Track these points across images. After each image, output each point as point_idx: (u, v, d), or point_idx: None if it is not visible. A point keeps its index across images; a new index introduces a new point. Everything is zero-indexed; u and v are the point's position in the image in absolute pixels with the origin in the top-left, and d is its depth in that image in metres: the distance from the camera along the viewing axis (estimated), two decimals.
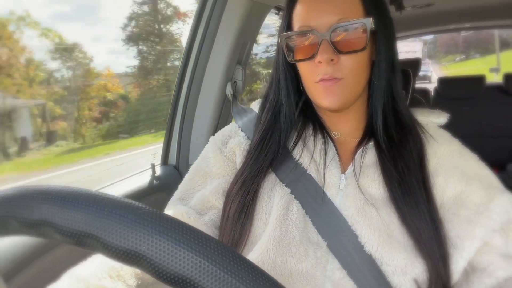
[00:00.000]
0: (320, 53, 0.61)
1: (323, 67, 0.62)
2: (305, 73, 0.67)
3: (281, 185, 0.67)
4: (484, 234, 0.60)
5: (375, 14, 0.64)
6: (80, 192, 0.26)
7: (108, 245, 0.24)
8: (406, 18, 1.70)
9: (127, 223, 0.24)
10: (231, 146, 0.74)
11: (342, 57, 0.62)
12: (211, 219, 0.70)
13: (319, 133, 0.70)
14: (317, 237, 0.63)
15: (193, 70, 1.30)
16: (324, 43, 0.61)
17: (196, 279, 0.23)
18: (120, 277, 0.54)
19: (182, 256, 0.24)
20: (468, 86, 2.91)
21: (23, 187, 0.27)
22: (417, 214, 0.61)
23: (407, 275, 0.59)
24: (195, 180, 0.75)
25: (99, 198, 0.26)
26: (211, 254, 0.24)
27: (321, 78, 0.63)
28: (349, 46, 0.62)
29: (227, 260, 0.24)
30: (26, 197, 0.26)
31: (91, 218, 0.25)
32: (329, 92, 0.64)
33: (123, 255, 0.24)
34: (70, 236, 0.25)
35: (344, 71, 0.63)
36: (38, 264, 0.80)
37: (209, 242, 0.25)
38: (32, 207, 0.26)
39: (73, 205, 0.25)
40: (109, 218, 0.25)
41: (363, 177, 0.65)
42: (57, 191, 0.26)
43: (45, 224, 0.25)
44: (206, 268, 0.23)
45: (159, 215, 0.25)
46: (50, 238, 0.26)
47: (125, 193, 1.13)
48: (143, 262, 0.24)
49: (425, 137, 0.69)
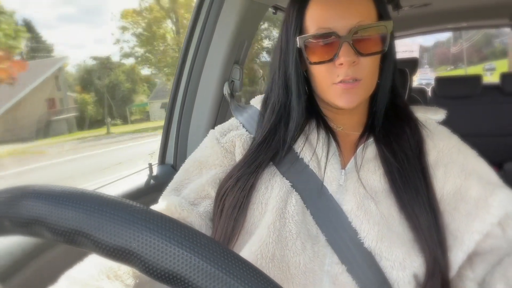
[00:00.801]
0: (342, 55, 0.62)
1: (344, 69, 0.63)
2: (322, 75, 0.67)
3: (281, 176, 0.67)
4: (483, 228, 0.62)
5: (386, 16, 0.67)
6: (71, 191, 0.26)
7: (98, 243, 0.24)
8: (403, 18, 1.71)
9: (117, 221, 0.25)
10: (231, 137, 0.74)
11: (362, 59, 0.64)
12: (206, 210, 0.70)
13: (321, 129, 0.71)
14: (316, 231, 0.64)
15: (191, 69, 1.30)
16: (345, 45, 0.62)
17: (187, 275, 0.23)
18: (117, 277, 0.54)
19: (172, 253, 0.24)
20: (465, 85, 2.92)
21: (15, 187, 0.27)
22: (417, 202, 0.62)
23: (406, 270, 0.59)
24: (190, 170, 0.75)
25: (90, 197, 0.26)
26: (201, 250, 0.24)
27: (341, 79, 0.64)
28: (370, 48, 0.64)
29: (218, 255, 0.24)
30: (17, 196, 0.26)
31: (81, 216, 0.25)
32: (348, 93, 0.65)
33: (114, 253, 0.24)
34: (61, 234, 0.25)
35: (364, 72, 0.64)
36: (35, 265, 0.79)
37: (199, 238, 0.25)
38: (23, 206, 0.26)
39: (64, 203, 0.25)
40: (99, 216, 0.25)
41: (363, 170, 0.66)
42: (48, 190, 0.26)
43: (36, 223, 0.25)
44: (196, 264, 0.24)
45: (149, 212, 0.25)
46: (42, 237, 0.26)
47: (122, 192, 1.13)
48: (134, 259, 0.24)
49: (425, 132, 0.70)
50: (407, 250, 0.60)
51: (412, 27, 2.58)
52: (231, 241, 0.65)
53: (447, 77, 3.62)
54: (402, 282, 0.59)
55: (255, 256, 0.61)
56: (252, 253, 0.61)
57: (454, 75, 3.89)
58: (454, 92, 2.90)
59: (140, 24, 17.97)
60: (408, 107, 0.73)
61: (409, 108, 0.73)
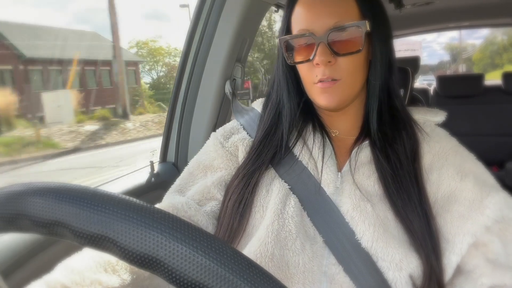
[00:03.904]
0: (318, 55, 0.64)
1: (321, 69, 0.65)
2: (304, 75, 0.69)
3: (280, 179, 0.68)
4: (476, 229, 0.61)
5: (370, 16, 0.66)
6: (95, 193, 0.26)
7: (125, 249, 0.24)
8: (405, 16, 1.70)
9: (146, 228, 0.24)
10: (234, 141, 0.75)
11: (339, 59, 0.65)
12: (212, 210, 0.71)
13: (318, 132, 0.72)
14: (313, 232, 0.64)
15: (192, 67, 1.30)
16: (322, 45, 0.64)
17: (210, 284, 0.23)
18: (115, 271, 0.54)
19: (200, 263, 0.24)
20: (467, 85, 2.91)
21: (35, 183, 0.27)
22: (410, 207, 0.62)
23: (403, 271, 0.59)
24: (195, 173, 0.76)
25: (115, 200, 0.25)
26: (227, 262, 0.24)
27: (319, 79, 0.65)
28: (346, 48, 0.64)
29: (245, 269, 0.24)
30: (39, 194, 0.26)
31: (109, 221, 0.24)
32: (327, 92, 0.66)
33: (140, 260, 0.24)
34: (85, 238, 0.25)
35: (342, 72, 0.65)
36: (37, 261, 0.80)
37: (226, 250, 0.25)
38: (47, 206, 0.25)
39: (90, 207, 0.25)
40: (128, 222, 0.24)
41: (358, 174, 0.67)
42: (72, 190, 0.26)
43: (59, 224, 0.25)
44: (224, 276, 0.23)
45: (177, 221, 0.25)
46: (63, 238, 0.26)
47: (123, 190, 1.13)
48: (160, 268, 0.24)
49: (422, 135, 0.70)
50: (404, 251, 0.60)
51: (414, 26, 2.57)
52: (235, 238, 0.66)
53: (449, 76, 3.61)
54: (399, 283, 0.59)
55: (254, 255, 0.62)
56: (252, 253, 0.62)
57: (456, 75, 3.87)
58: (456, 92, 2.89)
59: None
60: (405, 109, 0.72)
61: (406, 110, 0.72)
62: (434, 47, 74.15)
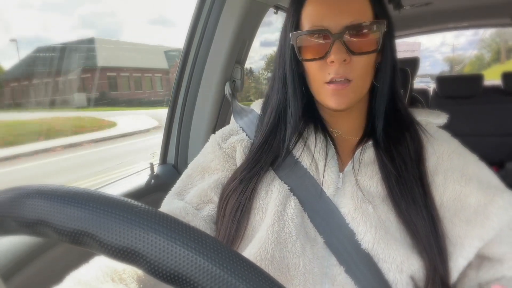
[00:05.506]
0: (334, 53, 0.62)
1: (335, 67, 0.63)
2: (314, 73, 0.67)
3: (279, 181, 0.67)
4: (483, 234, 0.61)
5: (383, 16, 0.66)
6: (76, 191, 0.26)
7: (104, 243, 0.24)
8: (404, 17, 1.70)
9: (124, 221, 0.24)
10: (232, 142, 0.75)
11: (354, 58, 0.63)
12: (209, 214, 0.70)
13: (320, 133, 0.71)
14: (314, 233, 0.64)
15: (192, 69, 1.30)
16: (338, 43, 0.62)
17: (191, 275, 0.23)
18: (122, 280, 0.54)
19: (178, 254, 0.24)
20: (466, 85, 2.91)
21: (19, 187, 0.27)
22: (414, 210, 0.62)
23: (403, 273, 0.59)
24: (193, 176, 0.75)
25: (95, 197, 0.26)
26: (206, 251, 0.24)
27: (332, 77, 0.64)
28: (362, 48, 0.63)
29: (223, 256, 0.24)
30: (22, 196, 0.26)
31: (88, 217, 0.25)
32: (338, 94, 0.64)
33: (120, 253, 0.24)
34: (67, 234, 0.25)
35: (355, 72, 0.64)
36: (37, 264, 0.80)
37: (204, 239, 0.25)
38: (29, 207, 0.26)
39: (70, 204, 0.25)
40: (106, 217, 0.25)
41: (361, 175, 0.66)
42: (53, 190, 0.26)
43: (41, 223, 0.25)
44: (201, 265, 0.24)
45: (155, 213, 0.25)
46: (47, 237, 0.26)
47: (123, 192, 1.13)
48: (140, 260, 0.24)
49: (425, 137, 0.69)
50: (406, 253, 0.60)
51: (413, 27, 2.57)
52: (234, 243, 0.66)
53: (449, 77, 3.61)
54: (400, 284, 0.59)
55: (254, 258, 0.61)
56: (252, 255, 0.62)
57: (456, 75, 3.87)
58: (455, 92, 2.89)
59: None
60: (408, 111, 0.72)
61: (409, 112, 0.72)
62: (436, 56, 74.72)
